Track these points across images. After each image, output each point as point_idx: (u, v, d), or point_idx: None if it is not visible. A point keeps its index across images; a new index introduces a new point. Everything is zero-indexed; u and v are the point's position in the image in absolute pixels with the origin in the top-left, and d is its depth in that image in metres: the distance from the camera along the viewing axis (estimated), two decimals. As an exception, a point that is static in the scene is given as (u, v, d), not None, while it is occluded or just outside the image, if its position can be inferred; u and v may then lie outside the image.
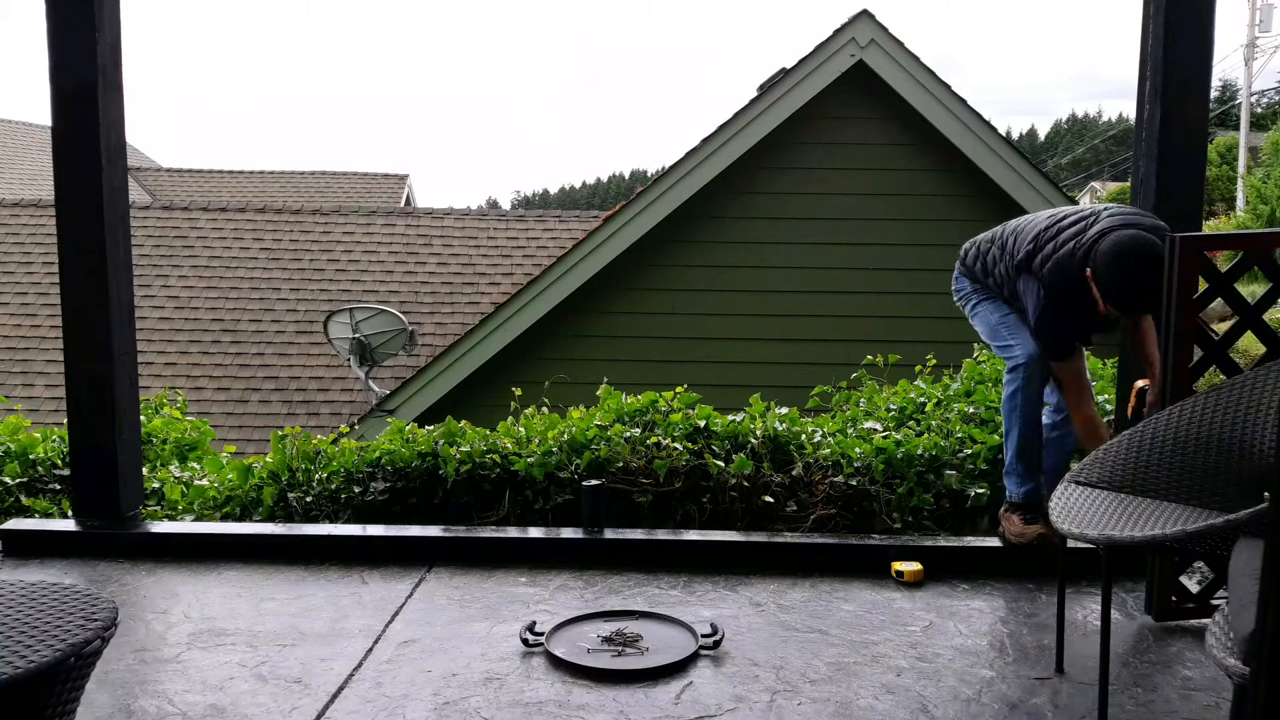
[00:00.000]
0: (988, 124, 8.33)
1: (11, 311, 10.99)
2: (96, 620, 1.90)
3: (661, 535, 3.79)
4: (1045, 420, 3.61)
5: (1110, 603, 2.56)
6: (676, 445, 4.08)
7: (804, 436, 4.24)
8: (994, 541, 3.66)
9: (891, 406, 4.70)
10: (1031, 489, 3.54)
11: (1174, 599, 3.17)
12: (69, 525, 3.90)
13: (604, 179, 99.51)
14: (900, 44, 8.21)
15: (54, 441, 4.66)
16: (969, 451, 4.09)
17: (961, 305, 3.82)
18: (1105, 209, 3.31)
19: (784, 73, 8.41)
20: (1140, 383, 3.29)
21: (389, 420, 5.51)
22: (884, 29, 8.20)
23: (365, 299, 11.01)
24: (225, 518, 4.19)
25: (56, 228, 3.85)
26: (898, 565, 3.52)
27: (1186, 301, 3.02)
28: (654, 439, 4.14)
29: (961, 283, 3.80)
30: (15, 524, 3.94)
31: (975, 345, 4.97)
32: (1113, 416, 4.01)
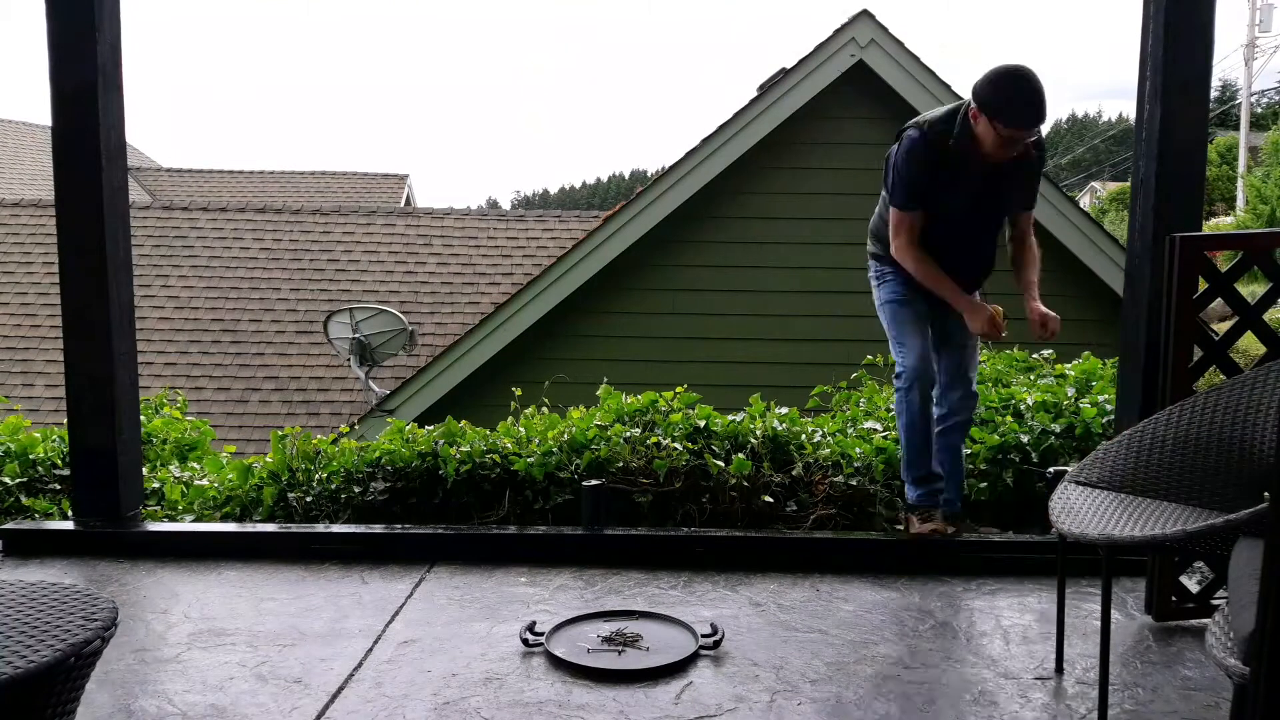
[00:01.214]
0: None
1: (11, 311, 10.99)
2: (96, 620, 1.90)
3: (661, 534, 3.79)
4: (935, 424, 3.71)
5: (1110, 603, 2.56)
6: (676, 445, 4.08)
7: (804, 436, 4.25)
8: (994, 539, 3.66)
9: (891, 407, 4.69)
10: (924, 494, 3.71)
11: (1174, 599, 3.17)
12: (69, 525, 3.90)
13: (604, 179, 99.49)
14: (900, 44, 8.21)
15: (54, 441, 4.66)
16: (968, 451, 4.09)
17: (873, 296, 3.90)
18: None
19: (784, 73, 8.41)
20: (996, 307, 3.52)
21: (389, 420, 5.51)
22: (884, 29, 8.20)
23: (365, 299, 11.01)
24: (225, 518, 4.19)
25: (56, 228, 3.85)
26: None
27: (1186, 301, 3.02)
28: (654, 439, 4.14)
29: (870, 264, 3.94)
30: (15, 524, 3.94)
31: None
32: (1113, 416, 4.01)
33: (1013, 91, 3.31)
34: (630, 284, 8.51)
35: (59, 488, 4.44)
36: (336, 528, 3.90)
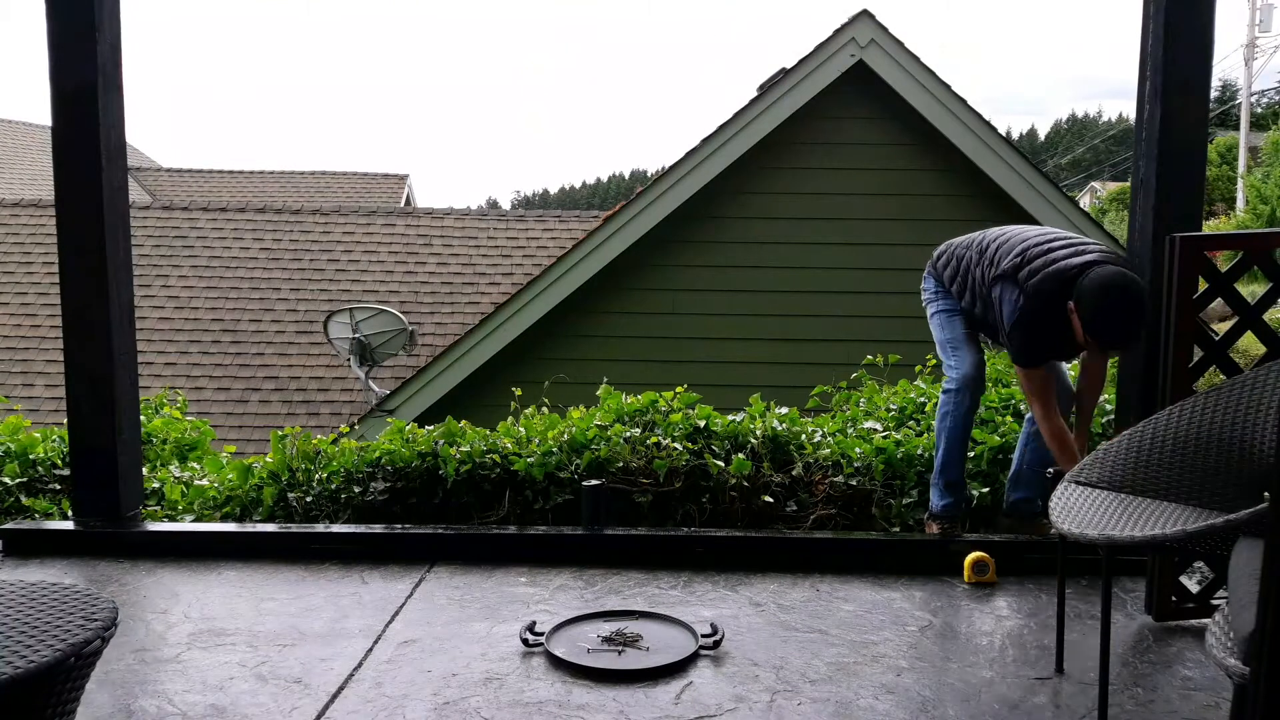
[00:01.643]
0: (988, 124, 8.33)
1: (11, 311, 10.99)
2: (96, 620, 1.90)
3: (662, 534, 3.78)
4: (1026, 420, 3.75)
5: (1110, 603, 2.56)
6: (676, 445, 4.08)
7: (804, 436, 4.25)
8: (993, 540, 3.66)
9: (891, 406, 4.70)
10: (950, 504, 3.76)
11: (1174, 599, 3.17)
12: (69, 525, 3.90)
13: (604, 179, 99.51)
14: (900, 44, 8.21)
15: (54, 441, 4.66)
16: (970, 452, 4.09)
17: (924, 304, 3.91)
18: (1094, 244, 3.42)
19: (784, 73, 8.41)
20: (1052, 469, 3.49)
21: (389, 420, 5.51)
22: (884, 29, 8.20)
23: (365, 299, 11.01)
24: (225, 518, 4.19)
25: (56, 228, 3.85)
26: (973, 560, 3.47)
27: (1186, 301, 3.02)
28: (654, 439, 4.14)
29: (928, 282, 3.89)
30: (15, 524, 3.94)
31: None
32: (1113, 416, 4.01)
33: (1112, 315, 3.16)
34: (630, 284, 8.51)
35: (59, 488, 4.44)
36: (336, 528, 3.90)
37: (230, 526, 4.02)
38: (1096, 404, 3.74)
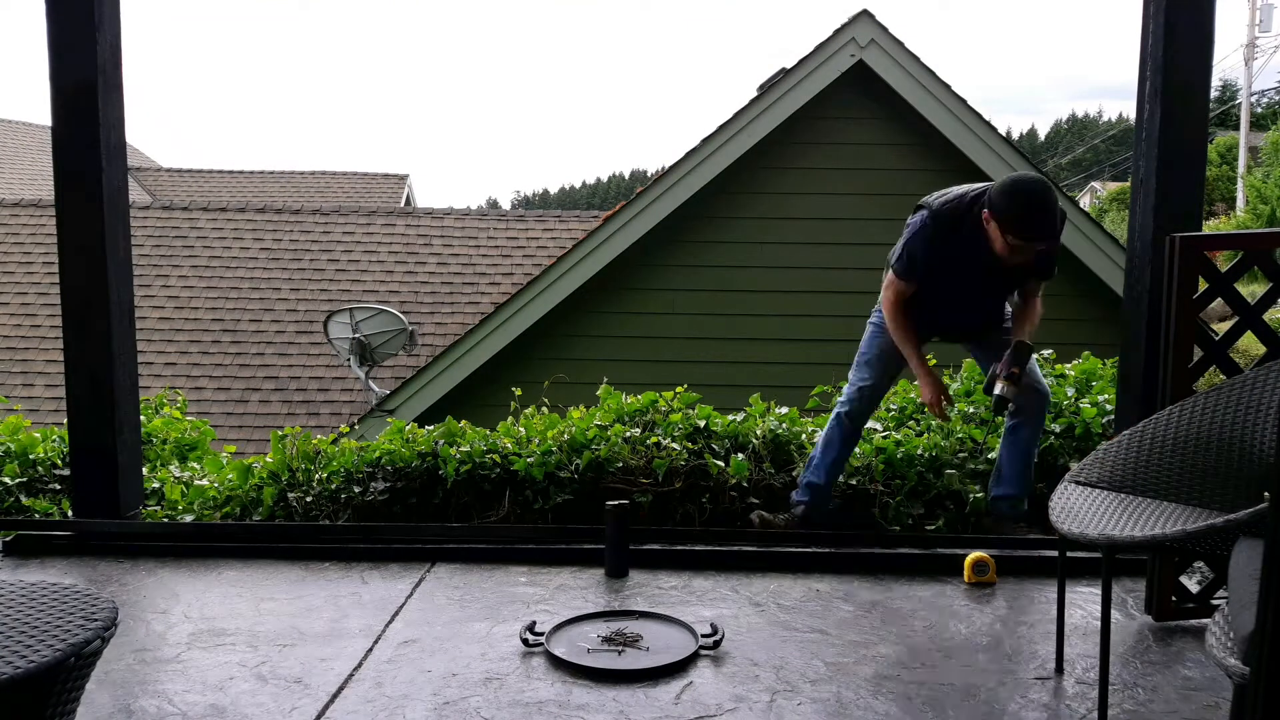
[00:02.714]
0: (988, 124, 8.33)
1: (11, 311, 10.99)
2: (96, 620, 1.90)
3: (661, 547, 3.78)
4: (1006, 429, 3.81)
5: (1110, 603, 2.56)
6: (676, 445, 4.09)
7: (804, 436, 4.25)
8: (993, 540, 3.67)
9: (891, 406, 4.70)
10: (806, 502, 3.86)
11: (1174, 599, 3.17)
12: (69, 526, 3.90)
13: (604, 179, 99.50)
14: (900, 44, 8.21)
15: (54, 441, 4.66)
16: (969, 451, 4.09)
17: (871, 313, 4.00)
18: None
19: (784, 73, 8.41)
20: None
21: (389, 420, 5.51)
22: (884, 29, 8.20)
23: (365, 299, 11.01)
24: (225, 518, 4.19)
25: (56, 228, 3.85)
26: (973, 560, 3.48)
27: (1186, 301, 3.02)
28: (654, 439, 4.14)
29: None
30: (16, 522, 3.93)
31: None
32: (1112, 416, 4.01)
33: (1025, 205, 3.34)
34: (630, 284, 8.51)
35: (59, 488, 4.44)
36: (336, 527, 3.90)
37: (231, 527, 4.02)
38: (1029, 332, 3.70)
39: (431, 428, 4.36)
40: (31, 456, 4.53)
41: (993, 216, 3.39)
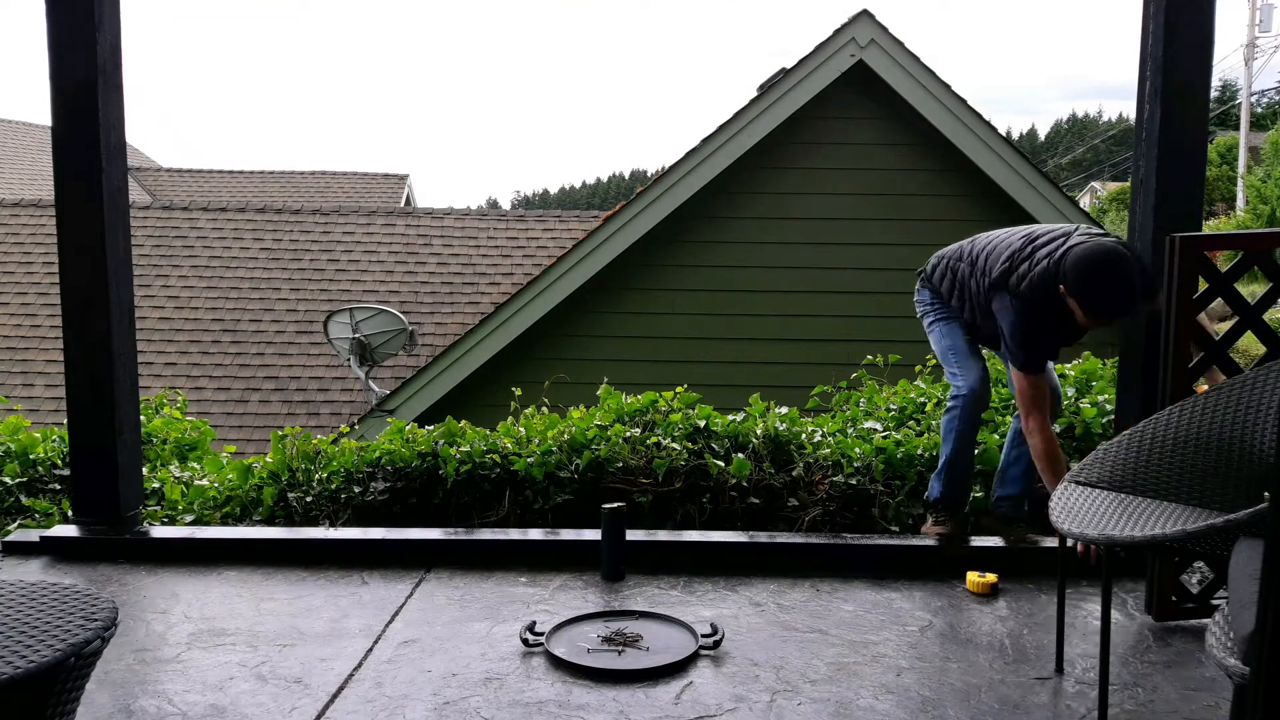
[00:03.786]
0: (988, 124, 8.33)
1: (11, 311, 10.98)
2: (96, 620, 1.90)
3: (662, 537, 3.78)
4: (1015, 417, 3.71)
5: (1110, 603, 2.56)
6: (676, 445, 4.08)
7: (804, 436, 4.24)
8: (994, 541, 3.67)
9: (891, 406, 4.70)
10: (947, 494, 3.73)
11: (1174, 599, 3.17)
12: (69, 525, 3.90)
13: (604, 179, 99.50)
14: (900, 44, 8.20)
15: (54, 441, 4.66)
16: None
17: (920, 316, 3.89)
18: (1076, 229, 3.40)
19: (784, 73, 8.40)
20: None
21: (389, 420, 5.51)
22: (884, 29, 8.19)
23: (365, 299, 11.00)
24: (225, 518, 4.19)
25: (56, 228, 3.85)
26: (973, 576, 3.45)
27: (1186, 301, 3.02)
28: (654, 439, 4.14)
29: (923, 294, 3.87)
30: (15, 525, 3.94)
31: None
32: (1113, 416, 4.01)
33: (1097, 284, 3.15)
34: (630, 284, 8.51)
35: (59, 488, 4.44)
36: (335, 531, 3.90)
37: (231, 529, 4.03)
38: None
39: (431, 428, 4.36)
40: (31, 456, 4.53)
41: (1069, 295, 3.21)
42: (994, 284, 3.46)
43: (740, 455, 4.08)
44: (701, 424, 4.24)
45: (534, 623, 3.06)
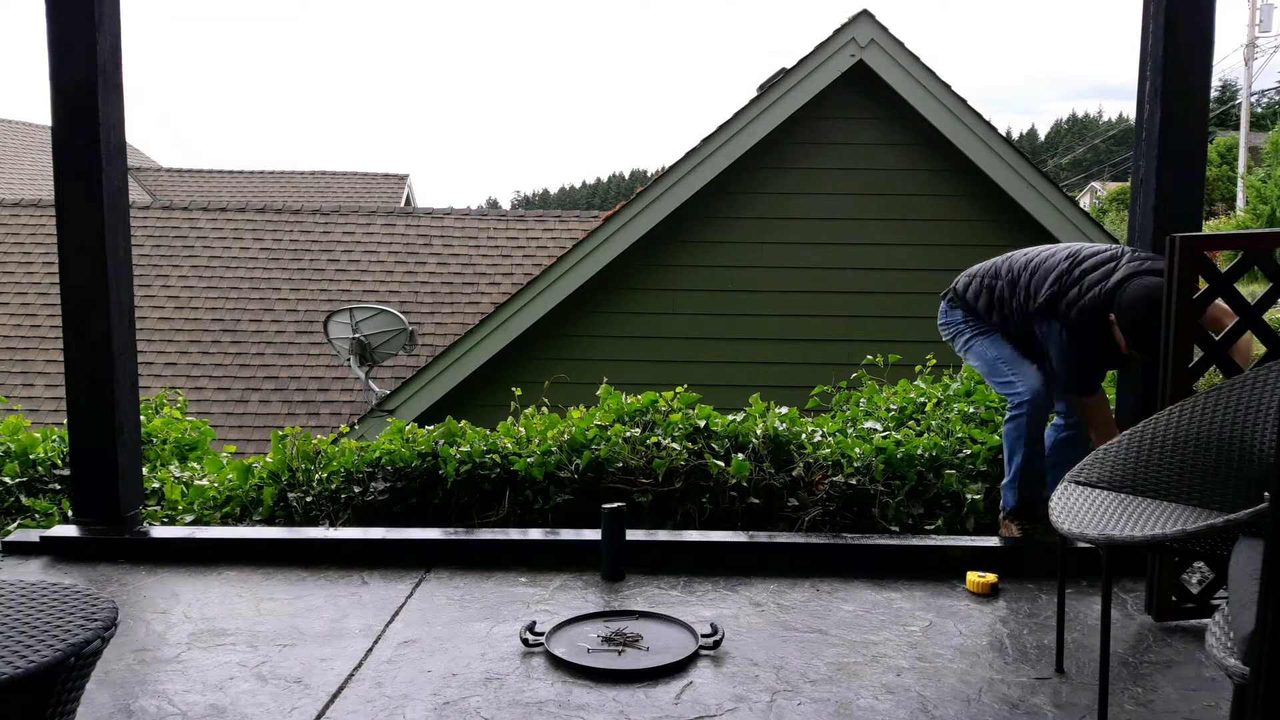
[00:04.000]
0: (988, 124, 8.33)
1: (11, 311, 10.98)
2: (96, 620, 1.90)
3: (662, 537, 3.78)
4: (1052, 426, 3.70)
5: (1110, 603, 2.56)
6: (676, 445, 4.08)
7: (804, 436, 4.24)
8: (993, 541, 3.67)
9: (891, 406, 4.70)
10: (1029, 500, 3.66)
11: (1174, 599, 3.17)
12: (69, 525, 3.90)
13: (604, 179, 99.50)
14: (900, 44, 8.20)
15: (54, 441, 4.66)
16: (969, 452, 4.09)
17: (950, 338, 3.84)
18: (1123, 252, 3.40)
19: (784, 73, 8.40)
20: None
21: (389, 420, 5.51)
22: (884, 29, 8.20)
23: (365, 299, 11.00)
24: (225, 518, 4.19)
25: (56, 228, 3.85)
26: (973, 576, 3.44)
27: (1186, 301, 3.02)
28: (654, 439, 4.14)
29: (952, 315, 3.82)
30: (15, 528, 3.93)
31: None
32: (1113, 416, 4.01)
33: (1149, 321, 3.18)
34: (630, 284, 8.51)
35: (59, 488, 4.44)
36: (335, 531, 3.90)
37: (231, 529, 4.02)
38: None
39: (431, 428, 4.36)
40: (31, 456, 4.53)
41: (1119, 324, 3.25)
42: (1040, 309, 3.46)
43: (740, 455, 4.08)
44: (701, 424, 4.24)
45: (534, 623, 3.06)
